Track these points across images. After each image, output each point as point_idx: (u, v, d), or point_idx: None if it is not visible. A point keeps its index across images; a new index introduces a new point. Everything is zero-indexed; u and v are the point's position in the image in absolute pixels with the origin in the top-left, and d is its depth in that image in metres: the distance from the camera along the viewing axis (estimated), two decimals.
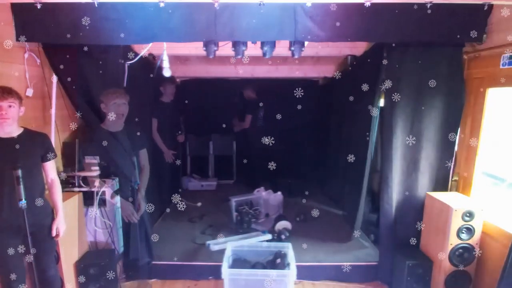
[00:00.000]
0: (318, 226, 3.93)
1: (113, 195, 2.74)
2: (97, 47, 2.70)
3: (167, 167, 4.41)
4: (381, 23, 2.46)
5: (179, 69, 4.86)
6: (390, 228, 2.94)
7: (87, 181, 2.71)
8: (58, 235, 2.23)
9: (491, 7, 2.44)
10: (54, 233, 2.21)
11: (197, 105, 5.45)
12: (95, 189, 2.68)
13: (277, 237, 3.52)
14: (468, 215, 2.52)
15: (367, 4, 2.34)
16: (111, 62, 2.83)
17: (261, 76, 5.01)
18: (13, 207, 1.99)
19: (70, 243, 2.56)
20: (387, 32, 2.50)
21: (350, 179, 3.89)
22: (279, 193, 4.30)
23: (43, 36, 2.47)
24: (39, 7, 2.33)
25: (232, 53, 2.80)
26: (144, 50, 3.05)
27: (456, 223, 2.52)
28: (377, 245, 3.25)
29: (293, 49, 2.78)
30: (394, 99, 2.77)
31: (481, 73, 2.68)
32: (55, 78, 2.73)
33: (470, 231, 2.55)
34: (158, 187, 3.91)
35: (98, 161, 2.69)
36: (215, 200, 4.84)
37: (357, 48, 3.50)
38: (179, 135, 4.76)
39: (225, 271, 2.60)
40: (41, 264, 2.18)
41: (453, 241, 2.55)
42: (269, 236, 3.50)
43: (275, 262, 2.84)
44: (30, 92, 2.59)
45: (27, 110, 2.19)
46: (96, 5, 2.32)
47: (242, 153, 5.64)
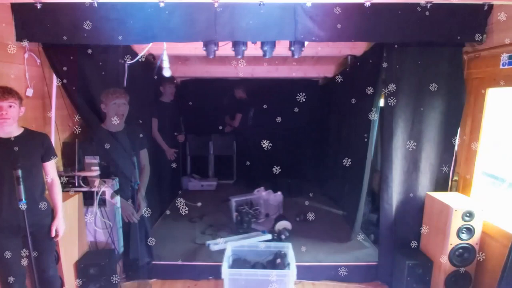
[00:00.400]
0: (318, 226, 3.93)
1: (113, 195, 2.74)
2: (97, 47, 2.70)
3: (167, 167, 4.40)
4: (381, 23, 2.46)
5: (179, 69, 4.87)
6: (390, 228, 2.94)
7: (87, 181, 2.71)
8: (57, 235, 2.22)
9: (491, 7, 2.44)
10: (53, 233, 2.20)
11: (197, 105, 5.44)
12: (95, 189, 2.68)
13: (277, 237, 3.52)
14: (468, 215, 2.53)
15: (367, 4, 2.34)
16: (111, 62, 2.83)
17: (261, 76, 5.01)
18: (13, 207, 1.99)
19: (70, 243, 2.56)
20: (387, 32, 2.50)
21: (350, 179, 3.89)
22: (279, 193, 4.30)
23: (43, 36, 2.47)
24: (39, 7, 2.33)
25: (232, 53, 2.80)
26: (144, 50, 3.05)
27: (456, 223, 2.52)
28: (377, 245, 3.25)
29: (293, 49, 2.78)
30: (394, 99, 2.77)
31: (481, 73, 2.68)
32: (55, 78, 2.74)
33: (470, 231, 2.55)
34: (158, 187, 3.91)
35: (98, 161, 2.69)
36: (215, 200, 4.84)
37: (357, 48, 3.50)
38: (178, 135, 4.76)
39: (225, 271, 2.60)
40: (41, 264, 2.17)
41: (453, 241, 2.55)
42: (269, 236, 3.51)
43: (275, 262, 2.84)
44: (30, 92, 2.59)
45: (27, 110, 2.19)
46: (96, 5, 2.31)
47: (242, 153, 5.65)
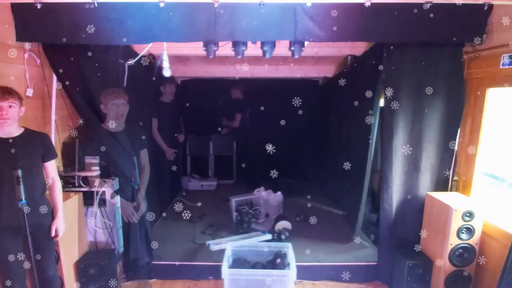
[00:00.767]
0: (318, 226, 3.92)
1: (113, 195, 2.74)
2: (97, 47, 2.69)
3: (167, 167, 4.40)
4: (381, 23, 2.46)
5: (179, 69, 4.86)
6: (390, 228, 2.94)
7: (87, 181, 2.71)
8: (57, 235, 2.22)
9: (491, 7, 2.44)
10: (53, 233, 2.20)
11: (197, 105, 5.44)
12: (95, 189, 2.68)
13: (277, 237, 3.52)
14: (468, 215, 2.52)
15: (367, 4, 2.34)
16: (111, 62, 2.83)
17: (261, 76, 5.00)
18: (13, 207, 1.99)
19: (70, 243, 2.56)
20: (387, 32, 2.50)
21: (350, 179, 3.89)
22: (279, 193, 4.30)
23: (43, 36, 2.47)
24: (39, 7, 2.32)
25: (232, 53, 2.80)
26: (144, 50, 3.05)
27: (456, 223, 2.52)
28: (377, 245, 3.25)
29: (293, 49, 2.78)
30: (394, 99, 2.77)
31: (481, 73, 2.68)
32: (55, 78, 2.73)
33: (470, 231, 2.55)
34: (158, 187, 3.91)
35: (98, 161, 2.69)
36: (215, 200, 4.84)
37: (357, 48, 3.50)
38: (178, 135, 4.76)
39: (225, 271, 2.60)
40: (41, 264, 2.17)
41: (453, 241, 2.55)
42: (269, 236, 3.50)
43: (275, 262, 2.84)
44: (30, 92, 2.59)
45: (27, 110, 2.18)
46: (96, 5, 2.31)
47: (242, 153, 5.65)
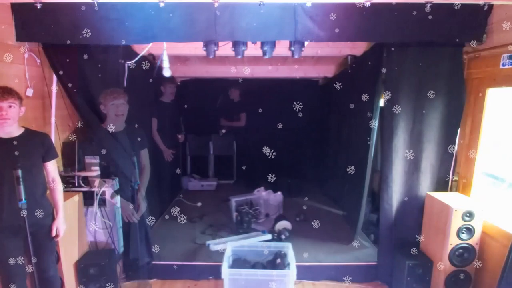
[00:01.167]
0: (318, 226, 3.92)
1: (113, 195, 2.74)
2: (97, 47, 2.69)
3: (167, 167, 4.40)
4: (381, 23, 2.46)
5: (179, 69, 4.86)
6: (390, 228, 2.94)
7: (87, 181, 2.71)
8: (58, 235, 2.22)
9: (491, 7, 2.44)
10: (54, 233, 2.20)
11: (197, 105, 5.44)
12: (95, 189, 2.68)
13: (277, 237, 3.52)
14: (468, 215, 2.52)
15: (367, 4, 2.34)
16: (111, 62, 2.83)
17: (261, 76, 5.01)
18: (14, 207, 1.99)
19: (70, 243, 2.56)
20: (387, 32, 2.50)
21: (350, 179, 3.88)
22: (279, 193, 4.29)
23: (43, 36, 2.47)
24: (39, 7, 2.33)
25: (232, 53, 2.80)
26: (144, 50, 3.05)
27: (456, 223, 2.52)
28: (377, 245, 3.24)
29: (293, 49, 2.78)
30: (394, 99, 2.77)
31: (481, 73, 2.68)
32: (55, 78, 2.73)
33: (470, 231, 2.55)
34: (158, 187, 3.91)
35: (98, 161, 2.69)
36: (215, 200, 4.83)
37: (357, 48, 3.50)
38: (178, 135, 4.75)
39: (225, 271, 2.59)
40: (41, 264, 2.17)
41: (453, 241, 2.55)
42: (269, 236, 3.50)
43: (275, 262, 2.84)
44: (30, 92, 2.59)
45: (27, 110, 2.19)
46: (96, 5, 2.32)
47: (242, 153, 5.65)
